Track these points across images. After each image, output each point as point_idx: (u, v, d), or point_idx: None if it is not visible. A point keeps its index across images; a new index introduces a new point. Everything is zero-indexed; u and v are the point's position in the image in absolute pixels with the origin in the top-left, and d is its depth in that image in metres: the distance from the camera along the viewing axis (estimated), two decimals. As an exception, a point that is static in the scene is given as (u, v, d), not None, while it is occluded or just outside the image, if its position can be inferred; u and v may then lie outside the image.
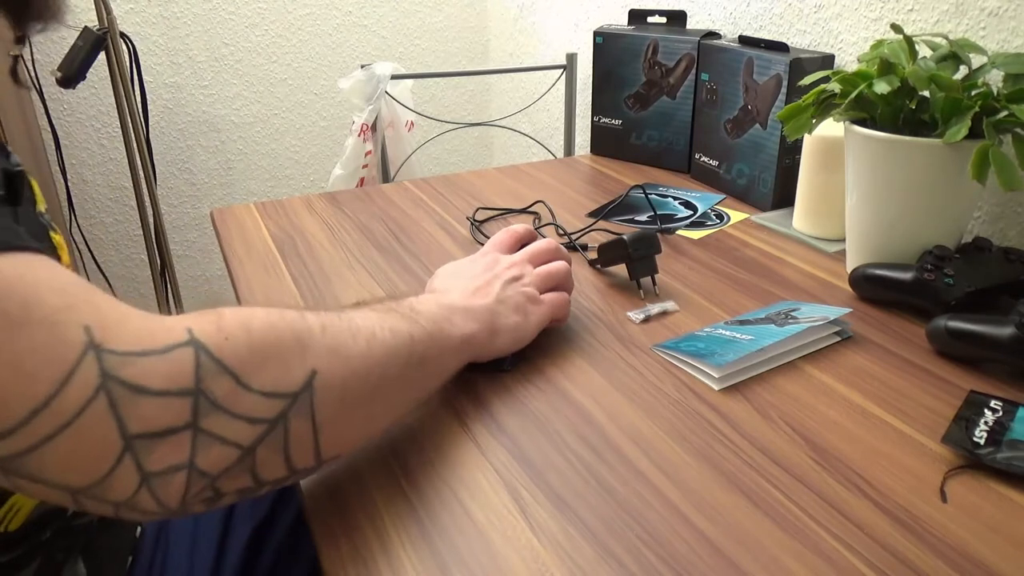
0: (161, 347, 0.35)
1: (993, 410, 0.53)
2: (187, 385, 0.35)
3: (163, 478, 0.35)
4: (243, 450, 0.38)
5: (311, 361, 0.40)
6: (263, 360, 0.38)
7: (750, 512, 0.45)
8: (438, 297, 0.56)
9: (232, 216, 0.93)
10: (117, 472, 0.34)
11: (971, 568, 0.41)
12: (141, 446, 0.34)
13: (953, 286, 0.63)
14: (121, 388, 0.34)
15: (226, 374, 0.37)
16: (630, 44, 1.09)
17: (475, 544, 0.43)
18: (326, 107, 1.85)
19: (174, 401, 0.35)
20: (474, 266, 0.62)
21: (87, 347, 0.33)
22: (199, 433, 0.36)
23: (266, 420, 0.38)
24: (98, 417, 0.33)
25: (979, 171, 0.61)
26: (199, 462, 0.36)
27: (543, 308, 0.60)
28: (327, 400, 0.41)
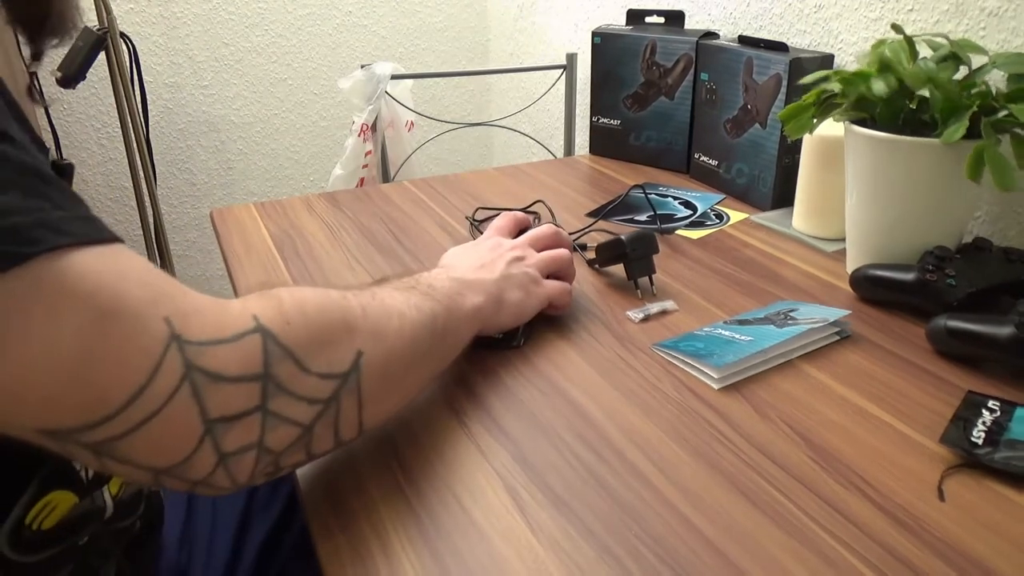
0: (232, 335, 0.37)
1: (991, 410, 0.53)
2: (257, 370, 0.38)
3: (237, 457, 0.38)
4: (303, 428, 0.40)
5: (358, 343, 0.43)
6: (320, 344, 0.41)
7: (749, 512, 0.45)
8: (448, 271, 0.58)
9: (232, 216, 0.93)
10: (198, 453, 0.36)
11: (969, 567, 0.41)
12: (219, 429, 0.37)
13: (955, 287, 0.63)
14: (202, 376, 0.36)
15: (289, 358, 0.39)
16: (628, 44, 1.09)
17: (474, 544, 0.43)
18: (326, 107, 1.85)
19: (247, 386, 0.37)
20: (479, 248, 0.65)
21: (170, 338, 0.35)
22: (267, 415, 0.38)
23: (322, 400, 0.41)
24: (184, 404, 0.35)
25: (974, 171, 0.61)
26: (267, 441, 0.39)
27: (543, 289, 0.63)
28: (371, 378, 0.44)
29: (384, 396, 0.46)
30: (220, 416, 0.37)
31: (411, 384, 0.50)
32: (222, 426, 0.37)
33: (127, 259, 0.36)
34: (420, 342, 0.49)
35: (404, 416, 0.54)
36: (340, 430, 0.43)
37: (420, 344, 0.49)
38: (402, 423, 0.53)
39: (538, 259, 0.65)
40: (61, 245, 0.33)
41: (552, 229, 0.68)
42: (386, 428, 0.53)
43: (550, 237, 0.68)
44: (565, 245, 0.68)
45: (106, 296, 0.34)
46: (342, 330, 0.43)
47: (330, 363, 0.41)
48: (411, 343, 0.48)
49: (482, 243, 0.66)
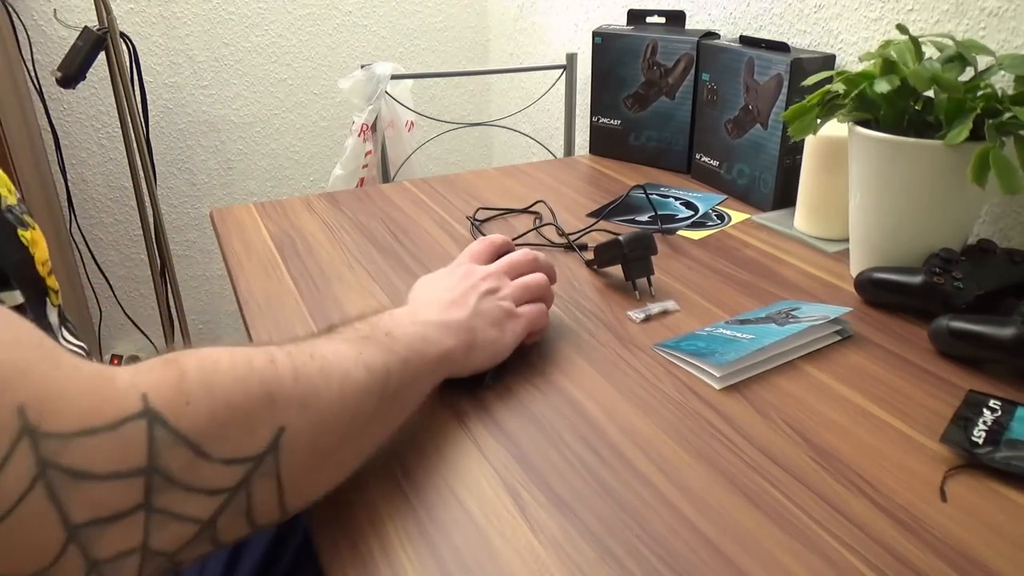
0: (109, 423, 0.32)
1: (992, 410, 0.53)
2: (139, 464, 0.32)
3: (114, 564, 0.32)
4: (202, 524, 0.35)
5: (279, 418, 0.37)
6: (226, 424, 0.35)
7: (750, 512, 0.45)
8: (412, 314, 0.53)
9: (232, 216, 0.93)
10: (62, 562, 0.31)
11: (970, 568, 0.41)
12: (88, 534, 0.31)
13: (963, 289, 0.63)
14: (62, 475, 0.30)
15: (184, 445, 0.34)
16: (629, 44, 1.09)
17: (475, 544, 0.43)
18: (326, 107, 1.85)
19: (124, 483, 0.32)
20: (450, 278, 0.59)
21: (21, 432, 0.30)
22: (153, 513, 0.33)
23: (227, 489, 0.35)
24: (36, 508, 0.30)
25: (979, 174, 0.61)
26: (154, 543, 0.33)
27: (520, 322, 0.58)
28: (294, 457, 0.38)
29: (313, 473, 0.40)
30: (88, 520, 0.31)
31: (350, 455, 0.44)
32: (91, 530, 0.31)
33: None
34: (364, 406, 0.43)
35: (404, 416, 0.54)
36: (255, 517, 0.37)
37: (364, 409, 0.43)
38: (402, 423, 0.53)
39: (513, 288, 0.59)
40: None
41: (529, 255, 0.62)
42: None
43: (527, 263, 0.62)
44: (543, 270, 0.62)
45: None
46: (260, 405, 0.37)
47: (239, 446, 0.36)
48: (353, 408, 0.42)
49: (454, 272, 0.60)
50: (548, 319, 0.62)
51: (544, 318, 0.61)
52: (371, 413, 0.44)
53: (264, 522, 0.38)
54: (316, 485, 0.42)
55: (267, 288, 0.75)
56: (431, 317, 0.53)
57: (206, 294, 1.88)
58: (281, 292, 0.74)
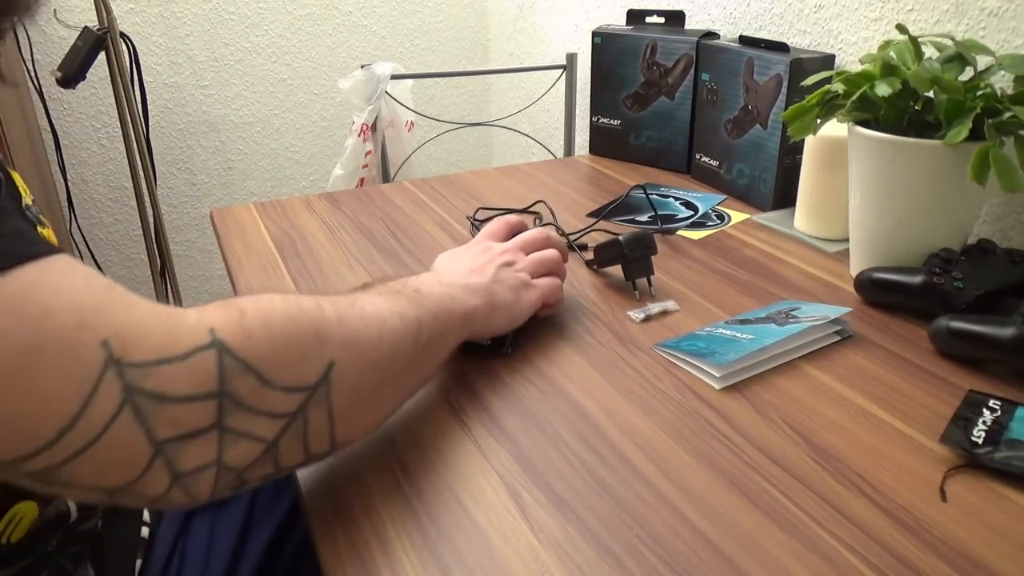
0: (182, 352, 0.36)
1: (992, 409, 0.53)
2: (211, 388, 0.36)
3: (193, 476, 0.37)
4: (267, 444, 0.39)
5: (329, 353, 0.41)
6: (284, 356, 0.39)
7: (750, 512, 0.45)
8: (439, 276, 0.58)
9: (232, 216, 0.93)
10: (149, 474, 0.35)
11: (970, 568, 0.41)
12: (171, 449, 0.35)
13: (963, 289, 0.63)
14: (145, 399, 0.34)
15: (249, 373, 0.37)
16: (628, 44, 1.09)
17: (475, 544, 0.43)
18: (326, 107, 1.85)
19: (199, 404, 0.36)
20: (470, 252, 0.64)
21: (107, 363, 0.33)
22: (225, 432, 0.37)
23: (287, 414, 0.39)
24: (125, 429, 0.34)
25: (979, 173, 0.61)
26: (226, 459, 0.37)
27: (534, 291, 0.62)
28: (342, 390, 0.42)
29: (358, 409, 0.44)
30: (170, 436, 0.35)
31: (389, 396, 0.48)
32: (174, 446, 0.35)
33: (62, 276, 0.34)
34: (401, 352, 0.47)
35: (404, 416, 0.54)
36: (310, 444, 0.41)
37: (401, 354, 0.47)
38: (403, 423, 0.53)
39: (528, 262, 0.64)
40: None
41: (543, 232, 0.67)
42: (387, 429, 0.53)
43: (540, 240, 0.67)
44: (556, 246, 0.67)
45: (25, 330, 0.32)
46: (311, 341, 0.41)
47: (296, 376, 0.40)
48: (391, 353, 0.46)
49: (472, 247, 0.65)
50: (562, 292, 0.66)
51: (558, 291, 0.65)
52: (407, 359, 0.48)
53: (317, 451, 0.42)
54: (361, 421, 0.45)
55: (267, 288, 0.75)
56: (456, 280, 0.57)
57: (206, 294, 1.88)
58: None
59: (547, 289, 0.63)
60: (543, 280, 0.64)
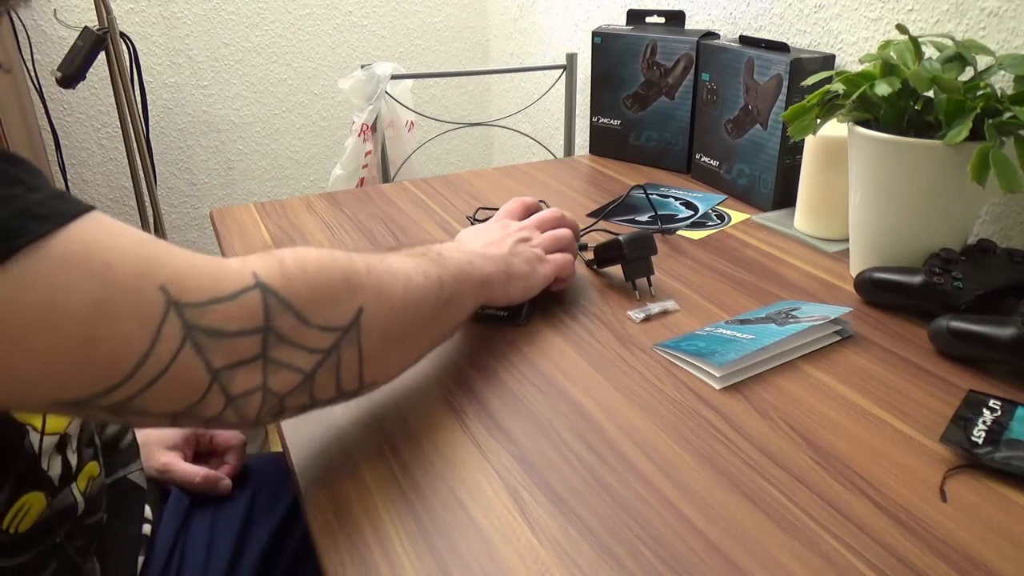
0: (232, 292, 0.40)
1: (992, 409, 0.53)
2: (258, 324, 0.41)
3: (243, 399, 0.41)
4: (305, 374, 0.43)
5: (359, 299, 0.45)
6: (319, 299, 0.43)
7: (750, 512, 0.45)
8: (459, 244, 0.63)
9: (232, 216, 0.93)
10: (207, 398, 0.40)
11: (970, 568, 0.41)
12: (225, 376, 0.40)
13: (963, 289, 0.63)
14: (203, 335, 0.38)
15: (289, 311, 0.42)
16: (629, 44, 1.09)
17: (475, 544, 0.43)
18: (326, 107, 1.85)
19: (248, 338, 0.40)
20: (489, 227, 0.69)
21: (168, 305, 0.37)
22: (269, 362, 0.41)
23: (323, 350, 0.43)
24: (188, 361, 0.38)
25: (979, 173, 0.61)
26: (271, 385, 0.42)
27: (548, 265, 0.66)
28: (371, 334, 0.46)
29: (385, 353, 0.48)
30: (224, 365, 0.39)
31: (412, 346, 0.52)
32: (227, 373, 0.40)
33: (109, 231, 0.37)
34: (424, 306, 0.51)
35: (404, 416, 0.54)
36: (342, 380, 0.45)
37: (424, 308, 0.51)
38: (402, 423, 0.53)
39: (542, 239, 0.68)
40: (42, 233, 0.34)
41: (557, 212, 0.72)
42: (386, 428, 0.53)
43: (555, 220, 0.71)
44: (568, 226, 0.71)
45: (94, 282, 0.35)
46: (343, 287, 0.45)
47: (330, 317, 0.44)
48: (415, 305, 0.50)
49: (492, 224, 0.70)
50: (574, 268, 0.70)
51: (570, 266, 0.69)
52: (429, 314, 0.52)
53: (347, 388, 0.46)
54: (387, 365, 0.50)
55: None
56: (475, 249, 0.61)
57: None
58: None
59: (560, 264, 0.67)
60: (556, 256, 0.68)
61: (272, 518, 0.65)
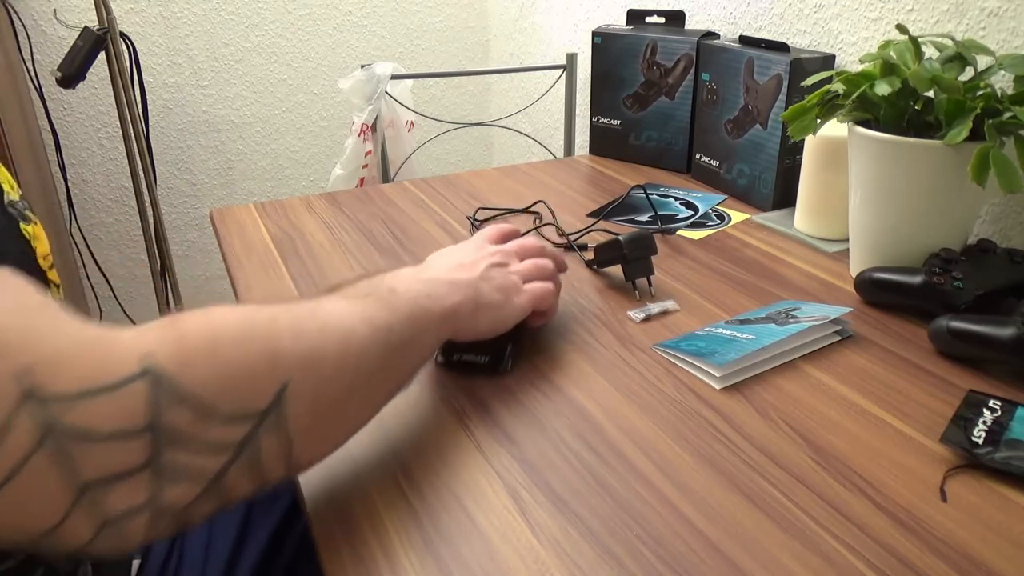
0: (111, 383, 0.32)
1: (992, 409, 0.53)
2: (142, 423, 0.33)
3: (123, 521, 0.33)
4: (210, 479, 0.36)
5: (282, 374, 0.38)
6: (229, 381, 0.36)
7: (750, 512, 0.45)
8: (418, 272, 0.54)
9: (232, 216, 0.93)
10: (70, 520, 0.32)
11: (970, 568, 0.41)
12: (95, 492, 0.32)
13: (963, 289, 0.63)
14: (66, 437, 0.31)
15: (186, 404, 0.34)
16: (629, 44, 1.09)
17: (475, 545, 0.43)
18: (326, 107, 1.85)
19: (129, 442, 0.32)
20: (462, 248, 0.62)
21: (24, 396, 0.30)
22: (160, 471, 0.33)
23: (233, 445, 0.36)
24: (43, 469, 0.31)
25: (979, 173, 0.61)
26: (162, 500, 0.34)
27: (525, 296, 0.58)
28: (298, 412, 0.39)
29: (319, 429, 0.41)
30: (94, 478, 0.32)
31: (359, 408, 0.45)
32: (99, 488, 0.32)
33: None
34: (368, 361, 0.43)
35: (404, 417, 0.54)
36: (264, 472, 0.38)
37: (368, 363, 0.43)
38: (402, 423, 0.53)
39: (522, 267, 0.61)
40: None
41: (539, 243, 0.65)
42: (386, 429, 0.53)
43: (536, 249, 0.63)
44: (552, 256, 0.64)
45: None
46: (261, 362, 0.37)
47: (243, 402, 0.36)
48: (356, 364, 0.42)
49: (466, 244, 0.62)
50: (556, 300, 0.62)
51: (550, 297, 0.61)
52: (375, 367, 0.44)
53: (273, 477, 0.39)
54: (324, 440, 0.43)
55: (267, 288, 0.75)
56: (438, 276, 0.54)
57: (206, 294, 1.88)
58: (281, 292, 0.74)
59: (539, 294, 0.59)
60: (535, 285, 0.60)
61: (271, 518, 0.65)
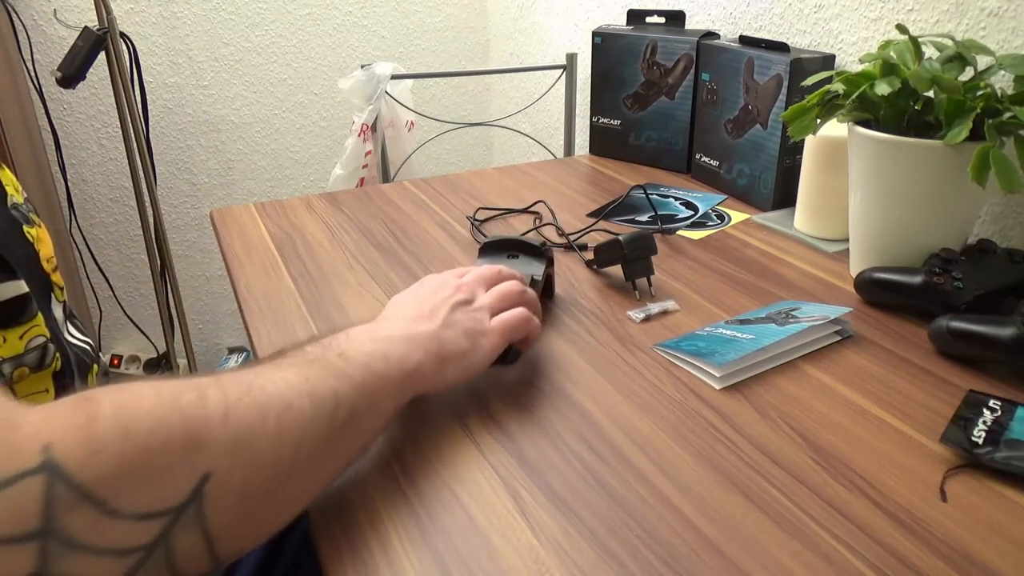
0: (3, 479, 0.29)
1: (992, 409, 0.53)
2: (32, 527, 0.29)
3: None
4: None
5: (203, 464, 0.34)
6: (140, 473, 0.32)
7: (750, 512, 0.45)
8: (373, 330, 0.49)
9: (232, 216, 0.93)
10: None
11: (970, 568, 0.41)
12: None
13: (962, 289, 0.63)
14: None
15: (87, 502, 0.30)
16: (629, 44, 1.09)
17: (475, 544, 0.43)
18: (326, 107, 1.85)
19: (15, 549, 0.29)
20: (421, 290, 0.56)
21: None
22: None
23: (141, 547, 0.32)
24: None
25: (979, 173, 0.61)
26: None
27: (493, 335, 0.54)
28: (222, 504, 0.35)
29: (249, 519, 0.37)
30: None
31: (297, 492, 0.40)
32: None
33: None
34: (309, 439, 0.40)
35: (404, 417, 0.54)
36: (180, 569, 0.34)
37: (309, 441, 0.40)
38: (402, 424, 0.53)
39: (487, 299, 0.56)
40: None
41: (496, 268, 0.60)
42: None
43: (496, 274, 0.59)
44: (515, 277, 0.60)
45: None
46: (181, 450, 0.33)
47: (155, 498, 0.32)
48: (295, 443, 0.38)
49: (426, 284, 0.57)
50: (534, 323, 0.57)
51: (524, 323, 0.56)
52: (318, 445, 0.40)
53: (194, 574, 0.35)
54: (254, 529, 0.38)
55: (267, 288, 0.75)
56: (395, 332, 0.49)
57: (206, 294, 1.88)
58: (281, 292, 0.74)
59: (509, 325, 0.55)
60: (502, 316, 0.55)
61: None
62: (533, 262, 0.68)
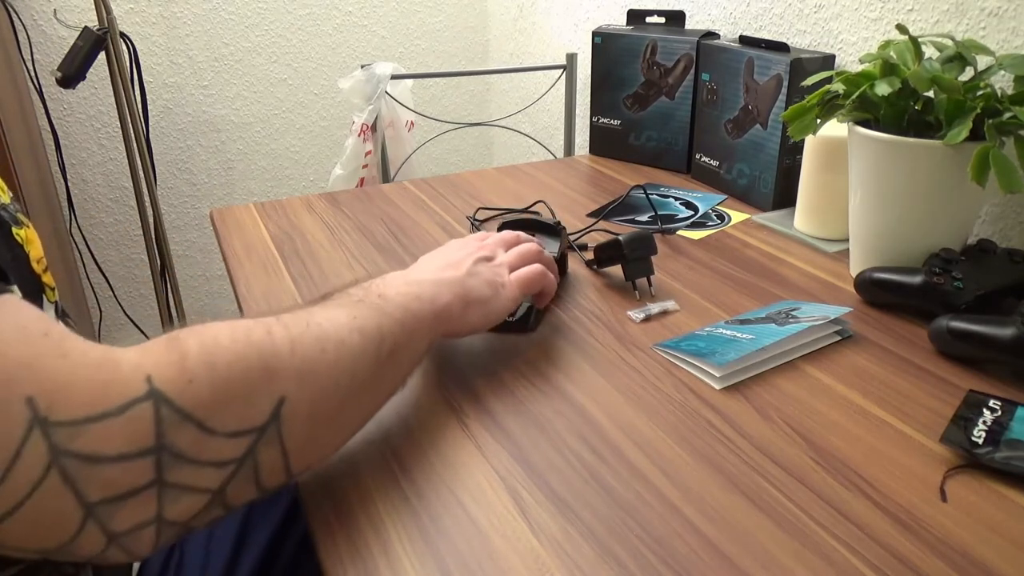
0: (116, 406, 0.33)
1: (992, 409, 0.53)
2: (147, 444, 0.34)
3: (131, 535, 0.35)
4: (213, 493, 0.37)
5: (279, 388, 0.39)
6: (229, 400, 0.37)
7: (750, 512, 0.45)
8: (406, 275, 0.55)
9: (232, 216, 0.93)
10: (82, 536, 0.33)
11: (970, 568, 0.41)
12: (104, 511, 0.33)
13: (962, 289, 0.63)
14: (74, 461, 0.32)
15: (189, 422, 0.35)
16: (629, 44, 1.09)
17: (475, 545, 0.43)
18: (326, 107, 1.85)
19: (135, 463, 0.34)
20: (448, 247, 0.62)
21: (32, 423, 0.31)
22: (165, 488, 0.35)
23: (234, 460, 0.37)
24: (53, 492, 0.32)
25: (979, 173, 0.61)
26: (168, 514, 0.35)
27: (512, 286, 0.59)
28: (295, 425, 0.40)
29: (316, 438, 0.42)
30: (102, 498, 0.33)
31: (352, 417, 0.46)
32: (107, 507, 0.33)
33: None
34: (362, 369, 0.45)
35: (404, 417, 0.54)
36: (262, 482, 0.39)
37: (362, 371, 0.45)
38: (402, 424, 0.53)
39: (507, 257, 0.62)
40: None
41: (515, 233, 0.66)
42: (386, 430, 0.53)
43: (514, 238, 0.65)
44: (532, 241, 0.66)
45: None
46: (260, 378, 0.38)
47: (242, 418, 0.37)
48: (350, 373, 0.43)
49: (451, 244, 0.63)
50: (549, 278, 0.62)
51: (540, 278, 0.61)
52: (368, 376, 0.45)
53: (272, 485, 0.40)
54: (321, 448, 0.44)
55: (267, 288, 0.75)
56: (426, 276, 0.54)
57: (206, 294, 1.88)
58: (281, 292, 0.74)
59: (527, 280, 0.60)
60: (521, 271, 0.60)
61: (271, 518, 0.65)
62: (548, 240, 0.76)
